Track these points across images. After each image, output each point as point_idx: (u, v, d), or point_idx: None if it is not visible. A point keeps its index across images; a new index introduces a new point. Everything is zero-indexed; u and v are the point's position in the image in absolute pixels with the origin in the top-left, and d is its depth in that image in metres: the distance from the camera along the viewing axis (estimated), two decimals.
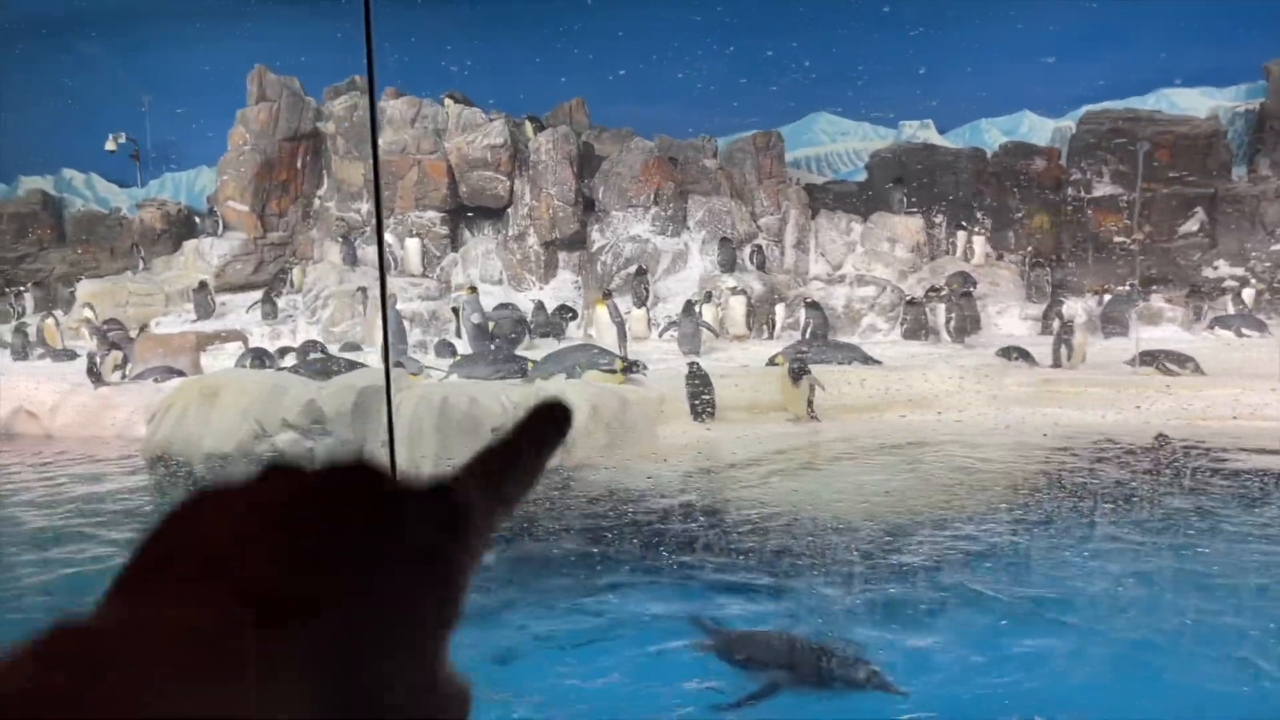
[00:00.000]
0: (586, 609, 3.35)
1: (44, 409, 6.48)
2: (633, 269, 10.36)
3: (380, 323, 7.59)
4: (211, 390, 5.07)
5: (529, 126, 11.79)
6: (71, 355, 9.45)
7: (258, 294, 11.53)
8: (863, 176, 12.24)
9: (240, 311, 11.34)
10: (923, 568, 3.62)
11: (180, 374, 7.00)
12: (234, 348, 8.18)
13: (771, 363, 6.82)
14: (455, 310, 8.88)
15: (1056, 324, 7.90)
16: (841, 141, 12.98)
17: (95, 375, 6.75)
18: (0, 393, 6.55)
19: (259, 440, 4.85)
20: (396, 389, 4.91)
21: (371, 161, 11.82)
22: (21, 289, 12.48)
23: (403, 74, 12.76)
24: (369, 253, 11.42)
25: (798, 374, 5.99)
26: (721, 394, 6.03)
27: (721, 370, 6.70)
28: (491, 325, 8.07)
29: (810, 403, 5.95)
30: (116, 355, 7.06)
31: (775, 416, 5.99)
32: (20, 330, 9.91)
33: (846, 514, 4.29)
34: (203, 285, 11.22)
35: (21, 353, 9.72)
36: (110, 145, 15.45)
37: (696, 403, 5.86)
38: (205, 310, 11.11)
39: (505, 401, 4.98)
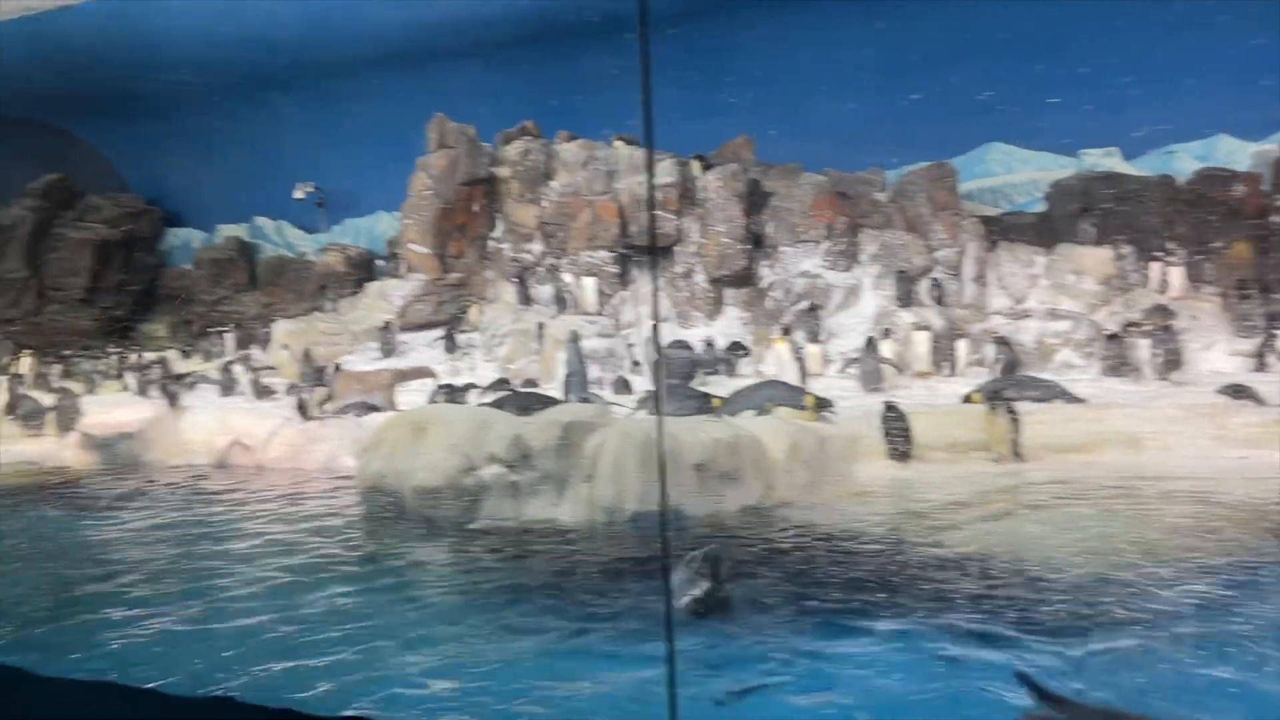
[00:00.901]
0: (817, 653, 3.27)
1: (257, 441, 6.91)
2: (804, 305, 10.26)
3: (569, 360, 7.73)
4: (420, 425, 5.26)
5: (696, 165, 11.91)
6: (270, 391, 10.05)
7: (437, 332, 12.00)
8: (1041, 207, 11.77)
9: (421, 349, 11.83)
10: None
11: (376, 409, 7.32)
12: (424, 384, 8.49)
13: (967, 400, 6.59)
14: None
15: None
16: (1018, 172, 12.53)
17: (303, 410, 7.15)
18: (220, 427, 7.03)
19: (466, 474, 4.99)
20: (594, 425, 4.98)
21: (541, 204, 12.13)
22: (224, 329, 13.35)
23: (574, 119, 13.16)
24: (541, 292, 11.74)
25: (999, 409, 5.75)
26: (917, 432, 5.85)
27: (909, 408, 6.51)
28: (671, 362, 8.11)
29: (1014, 441, 5.70)
30: (322, 391, 7.45)
31: (975, 456, 5.77)
32: (226, 369, 10.55)
33: (1075, 558, 4.06)
34: (387, 325, 11.75)
35: (228, 389, 10.35)
36: (298, 194, 16.45)
37: (894, 442, 5.71)
38: (389, 348, 11.63)
39: (704, 438, 4.98)
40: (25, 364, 10.85)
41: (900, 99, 12.66)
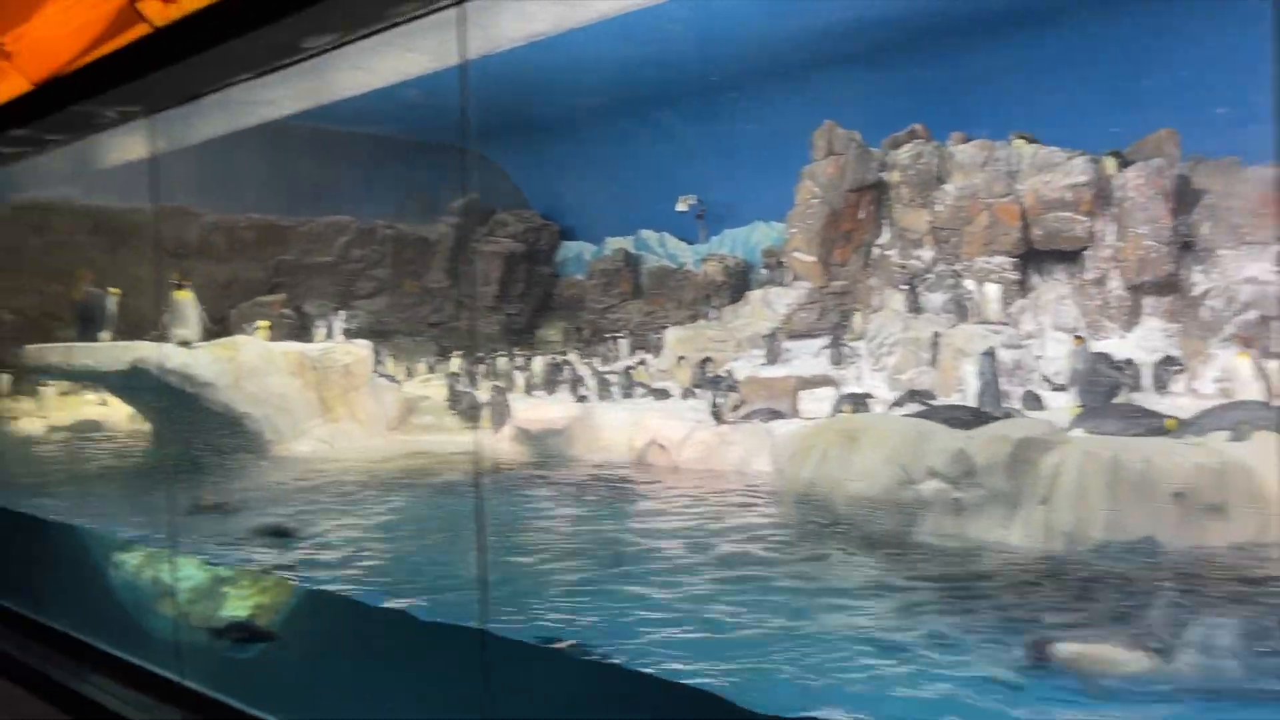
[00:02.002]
0: None
1: (673, 443, 7.21)
2: (1251, 315, 9.00)
3: (982, 372, 7.32)
4: (851, 433, 5.16)
5: (1110, 162, 10.87)
6: (665, 394, 10.50)
7: (819, 341, 11.95)
8: None
9: (804, 357, 11.82)
10: None
11: (781, 415, 7.37)
12: (819, 392, 8.43)
13: None
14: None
15: None
16: None
17: (717, 414, 7.38)
18: (636, 427, 7.42)
19: (904, 487, 4.82)
20: (1050, 443, 4.59)
21: (934, 208, 11.65)
22: (618, 336, 14.18)
23: (964, 119, 12.56)
24: (931, 300, 11.28)
25: None
26: None
27: None
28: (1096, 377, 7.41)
29: None
30: (735, 396, 7.63)
31: None
32: (626, 373, 11.15)
33: None
34: (774, 332, 11.87)
35: (629, 391, 10.93)
36: (681, 206, 17.13)
37: None
38: (774, 356, 11.74)
39: (1183, 463, 4.43)
40: (456, 364, 12.13)
41: None
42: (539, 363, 12.76)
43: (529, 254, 19.45)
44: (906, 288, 11.29)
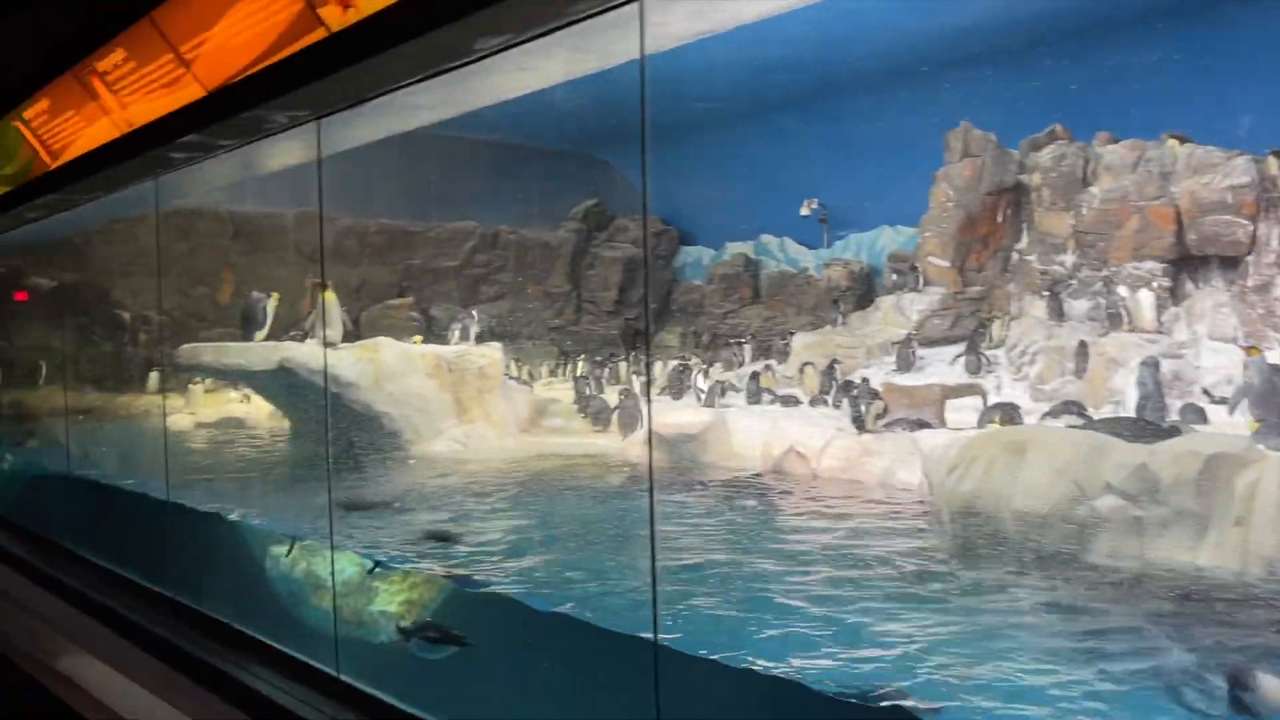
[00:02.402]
0: None
1: (812, 450, 7.05)
2: None
3: (1141, 383, 6.93)
4: (1017, 445, 4.92)
5: (1275, 163, 10.22)
6: (794, 401, 10.30)
7: (953, 349, 11.58)
8: None
9: (937, 365, 11.46)
10: None
11: (927, 425, 7.12)
12: (972, 401, 8.13)
13: None
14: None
15: None
16: None
17: (859, 422, 7.20)
18: (772, 434, 7.30)
19: (1077, 503, 4.56)
20: (1245, 461, 4.28)
21: (1081, 211, 11.14)
22: (742, 341, 14.04)
23: (1106, 118, 12.01)
24: (1076, 307, 10.81)
25: None
26: None
27: None
28: None
29: None
30: (879, 404, 7.43)
31: None
32: (753, 378, 10.99)
33: None
34: (907, 339, 11.55)
35: (755, 397, 10.77)
36: (804, 210, 16.87)
37: None
38: (906, 363, 11.43)
39: None
40: (581, 367, 12.18)
41: None
42: (663, 367, 12.72)
43: (648, 259, 19.53)
44: (1048, 294, 10.84)
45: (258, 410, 10.97)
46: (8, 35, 5.50)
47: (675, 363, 13.26)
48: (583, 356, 13.38)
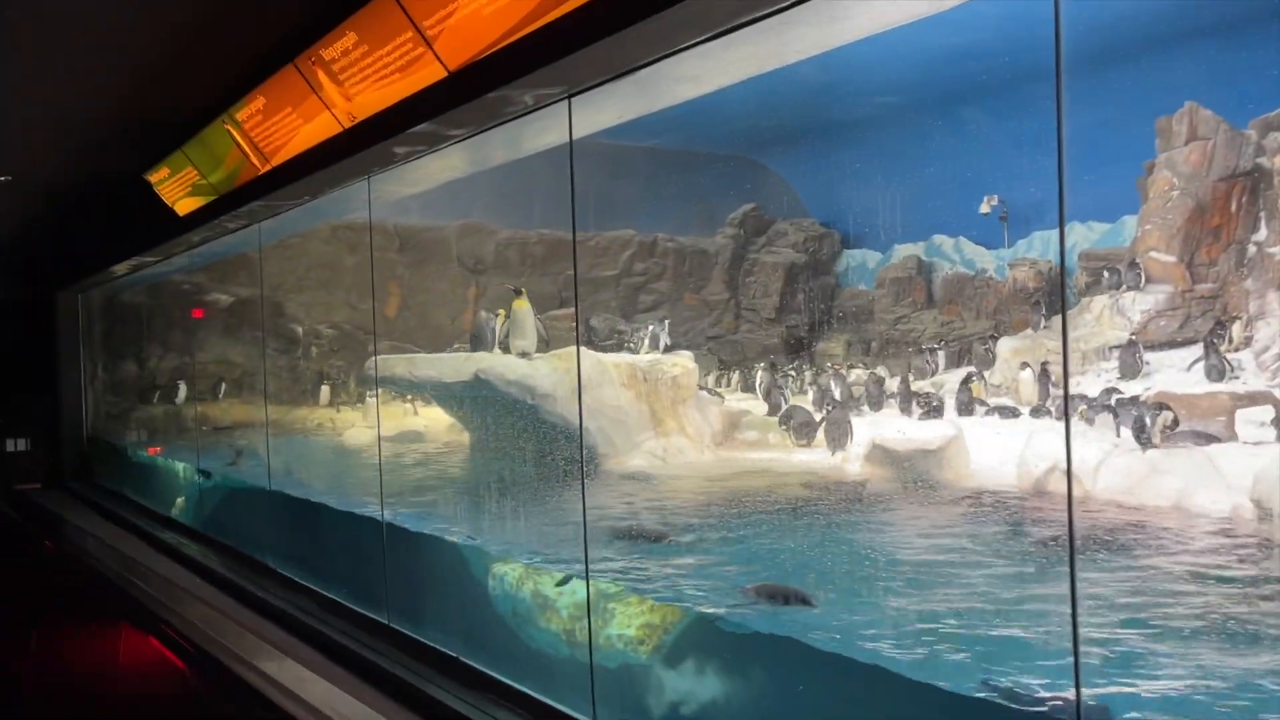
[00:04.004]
0: None
1: (1084, 469, 6.20)
2: None
3: None
4: None
5: None
6: (1013, 413, 9.39)
7: (1183, 352, 10.43)
8: None
9: (1167, 371, 10.34)
10: None
11: (1214, 439, 6.18)
12: (1263, 412, 7.09)
13: None
14: None
15: None
16: None
17: (1144, 437, 6.33)
18: (1032, 450, 6.48)
19: None
20: None
21: None
22: (935, 347, 13.13)
23: None
24: None
25: None
26: None
27: None
28: None
29: None
30: (1167, 416, 6.52)
31: None
32: (964, 386, 10.12)
33: None
34: (1130, 343, 10.46)
35: (967, 408, 9.90)
36: (984, 208, 15.74)
37: None
38: (1131, 369, 10.33)
39: None
40: (768, 376, 11.50)
41: None
42: (854, 376, 11.93)
43: (809, 264, 18.76)
44: None
45: (436, 424, 10.70)
46: (229, 26, 5.19)
47: (863, 372, 12.47)
48: (762, 365, 12.69)
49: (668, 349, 10.25)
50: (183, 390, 12.45)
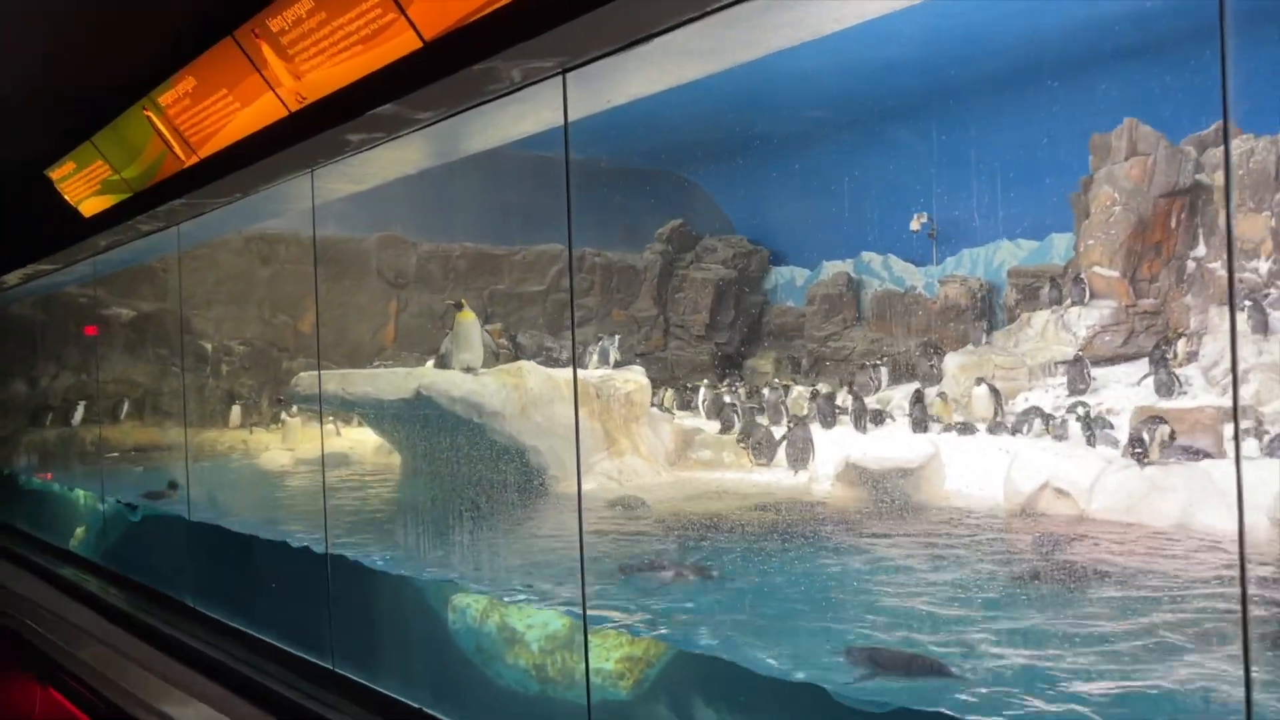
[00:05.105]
0: None
1: (1077, 488, 5.92)
2: None
3: None
4: None
5: None
6: (970, 429, 9.17)
7: (1128, 368, 10.47)
8: None
9: (1114, 386, 10.32)
10: None
11: (1207, 455, 5.99)
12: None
13: None
14: None
15: None
16: None
17: (1139, 451, 6.09)
18: (1020, 468, 6.18)
19: None
20: None
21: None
22: (878, 362, 12.94)
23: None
24: (1279, 319, 9.62)
25: None
26: None
27: None
28: None
29: None
30: (1164, 430, 6.30)
31: None
32: (917, 401, 9.89)
33: None
34: (1078, 359, 10.40)
35: (921, 425, 9.66)
36: (915, 225, 15.76)
37: None
38: (1079, 385, 10.28)
39: None
40: (720, 394, 11.13)
41: None
42: (795, 393, 11.65)
43: (738, 280, 18.54)
44: (1250, 305, 9.63)
45: (362, 445, 9.99)
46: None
47: (811, 390, 12.18)
48: (705, 382, 12.31)
49: (618, 364, 9.76)
50: (80, 412, 11.44)
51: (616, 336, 10.84)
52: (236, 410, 12.42)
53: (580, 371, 8.78)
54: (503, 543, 6.48)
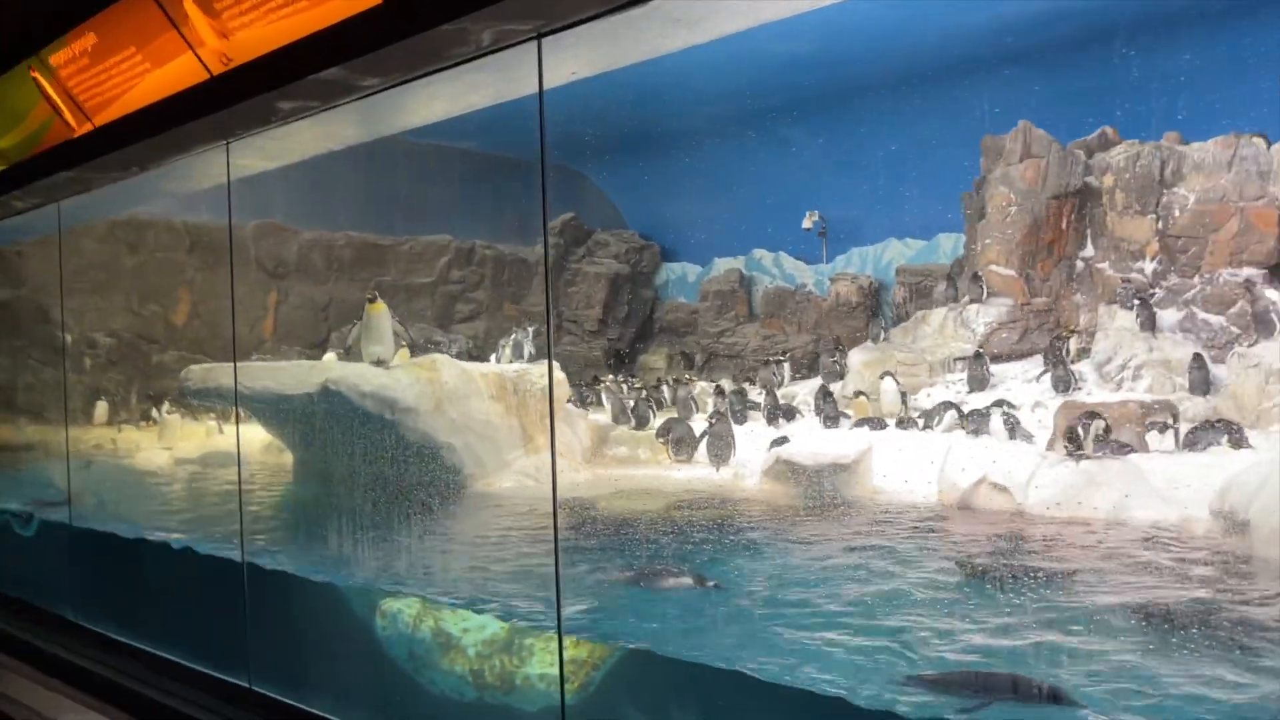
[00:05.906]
0: None
1: (1014, 482, 5.95)
2: None
3: None
4: None
5: None
6: (881, 424, 9.23)
7: (1024, 364, 10.79)
8: None
9: (1011, 382, 10.59)
10: None
11: (1129, 449, 6.12)
12: (1159, 420, 7.14)
13: None
14: None
15: None
16: None
17: (1075, 446, 6.15)
18: (956, 462, 6.18)
19: None
20: None
21: (1175, 214, 10.41)
22: (781, 358, 12.97)
23: (1165, 121, 11.38)
24: (1164, 317, 10.06)
25: None
26: None
27: None
28: None
29: None
30: (1099, 425, 6.38)
31: None
32: (825, 396, 9.92)
33: None
34: (978, 355, 10.62)
35: (833, 420, 9.69)
36: (806, 224, 15.93)
37: None
38: (979, 382, 10.50)
39: None
40: (626, 390, 10.91)
41: None
42: (670, 389, 11.60)
43: (631, 275, 18.39)
44: (1138, 304, 10.03)
45: (249, 443, 9.35)
46: None
47: (715, 385, 12.09)
48: (617, 378, 12.08)
49: (532, 358, 9.43)
50: None
51: (530, 329, 10.48)
52: (102, 406, 11.55)
53: (496, 366, 8.42)
54: (418, 545, 6.11)
